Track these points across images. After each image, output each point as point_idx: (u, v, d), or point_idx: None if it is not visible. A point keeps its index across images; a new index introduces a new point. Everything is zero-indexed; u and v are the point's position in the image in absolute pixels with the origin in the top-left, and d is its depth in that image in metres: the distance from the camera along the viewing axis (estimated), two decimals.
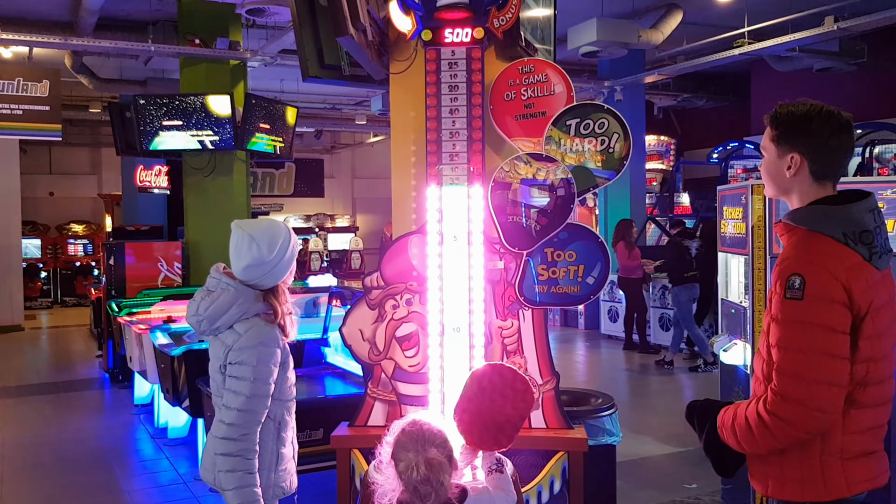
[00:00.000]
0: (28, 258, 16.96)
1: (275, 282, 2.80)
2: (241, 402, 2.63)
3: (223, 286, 2.77)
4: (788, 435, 2.08)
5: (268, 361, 2.68)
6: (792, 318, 2.07)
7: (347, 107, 17.36)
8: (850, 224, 2.12)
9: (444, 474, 2.38)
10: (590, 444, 3.61)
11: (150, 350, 6.46)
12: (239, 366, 2.66)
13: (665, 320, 11.08)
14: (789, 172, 2.21)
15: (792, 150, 2.20)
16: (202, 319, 2.75)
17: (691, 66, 11.61)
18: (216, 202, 10.38)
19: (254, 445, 2.67)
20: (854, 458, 2.13)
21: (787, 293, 2.07)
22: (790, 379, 2.05)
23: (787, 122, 2.22)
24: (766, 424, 2.08)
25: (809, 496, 2.15)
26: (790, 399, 2.05)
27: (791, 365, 2.05)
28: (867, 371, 2.11)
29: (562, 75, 3.61)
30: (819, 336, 2.03)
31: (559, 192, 3.54)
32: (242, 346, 2.67)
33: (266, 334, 2.71)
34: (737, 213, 4.54)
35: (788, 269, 2.10)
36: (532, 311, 3.63)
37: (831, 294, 2.04)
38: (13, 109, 10.17)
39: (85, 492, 5.47)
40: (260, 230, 2.79)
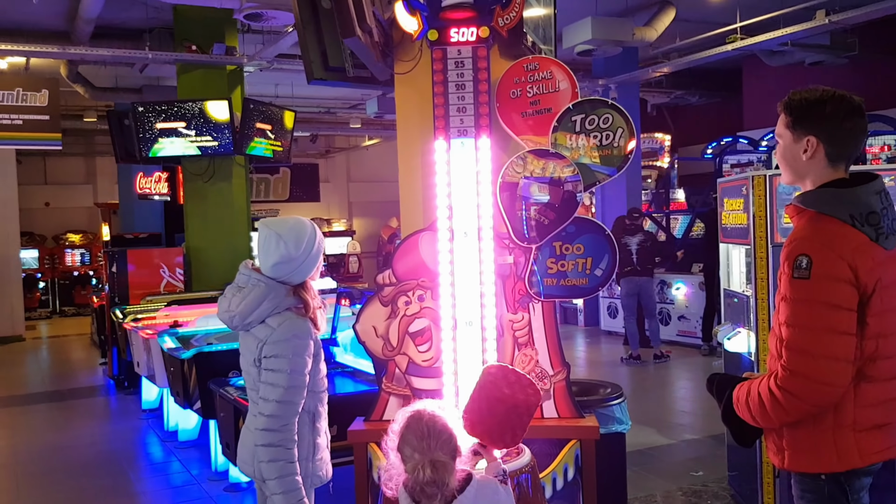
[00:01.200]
0: (26, 269, 16.98)
1: (303, 277, 2.88)
2: (280, 393, 2.71)
3: (253, 282, 2.84)
4: (798, 408, 2.18)
5: (302, 353, 2.76)
6: (799, 296, 2.16)
7: (342, 110, 17.43)
8: (857, 206, 2.20)
9: (448, 474, 2.45)
10: (601, 433, 3.69)
11: (158, 355, 6.51)
12: (275, 359, 2.73)
13: (664, 315, 11.17)
14: (805, 156, 2.29)
15: (807, 133, 2.28)
16: (234, 315, 2.83)
17: (685, 62, 11.71)
18: (216, 207, 10.43)
19: (293, 435, 2.75)
20: (867, 430, 2.22)
21: (794, 273, 2.17)
22: (798, 355, 2.15)
23: (802, 107, 2.30)
24: (777, 399, 2.18)
25: (823, 467, 2.24)
26: (798, 374, 2.15)
27: (799, 341, 2.15)
28: (877, 346, 2.20)
29: (566, 72, 3.69)
30: (825, 313, 2.13)
31: (566, 188, 3.61)
32: (277, 339, 2.74)
33: (299, 327, 2.79)
34: (738, 204, 4.63)
35: (796, 249, 2.19)
36: (542, 304, 3.71)
37: (837, 273, 2.13)
38: (13, 119, 10.20)
39: (99, 495, 5.53)
40: (286, 228, 2.86)
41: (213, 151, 10.00)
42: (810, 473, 2.28)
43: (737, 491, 4.87)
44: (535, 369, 3.69)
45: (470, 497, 2.49)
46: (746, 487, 4.61)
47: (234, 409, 4.69)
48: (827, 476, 2.25)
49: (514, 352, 3.70)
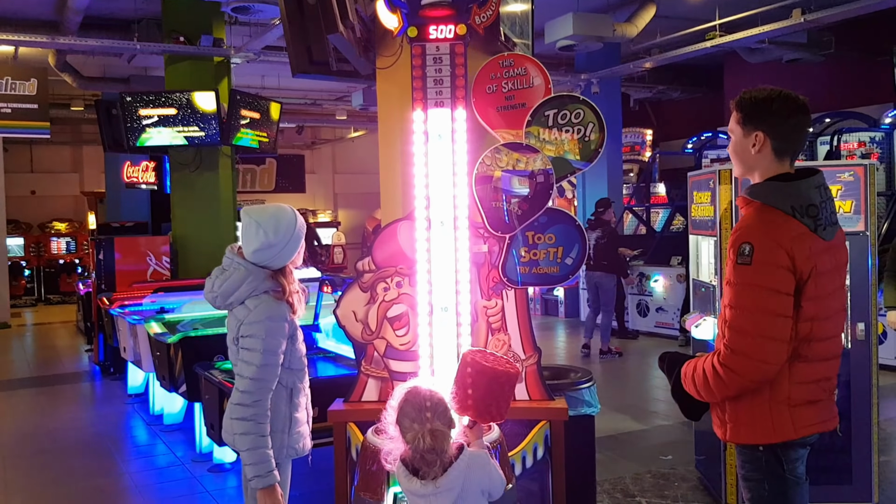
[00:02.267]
0: (11, 257, 16.99)
1: (282, 263, 3.04)
2: (253, 371, 2.87)
3: (235, 265, 3.01)
4: (737, 383, 2.38)
5: (276, 334, 2.92)
6: (742, 280, 2.35)
7: (328, 102, 17.52)
8: (798, 199, 2.39)
9: (446, 442, 2.64)
10: (570, 415, 3.87)
11: (144, 340, 6.65)
12: (251, 339, 2.90)
13: (643, 306, 11.38)
14: (754, 150, 2.48)
15: (756, 129, 2.47)
16: (217, 296, 3.01)
17: (665, 58, 11.89)
18: (202, 197, 10.55)
19: (265, 411, 2.90)
20: (800, 405, 2.42)
21: (738, 259, 2.36)
22: (738, 334, 2.35)
23: (751, 104, 2.49)
24: (719, 374, 2.39)
25: (760, 438, 2.44)
26: (738, 352, 2.35)
27: (740, 322, 2.35)
28: (811, 329, 2.39)
29: (540, 68, 3.85)
30: (764, 297, 2.32)
31: (538, 180, 3.77)
32: (253, 320, 2.91)
33: (274, 309, 2.94)
34: (705, 197, 4.81)
35: (741, 237, 2.38)
36: (515, 291, 3.87)
37: (776, 260, 2.32)
38: (2, 108, 10.29)
39: (86, 475, 5.67)
40: (266, 216, 3.02)
41: (199, 142, 10.11)
42: (749, 445, 2.47)
43: (703, 474, 5.07)
44: (508, 353, 3.85)
45: (463, 465, 2.66)
46: (712, 471, 4.80)
47: (219, 392, 4.84)
48: (764, 447, 2.44)
49: (488, 336, 3.86)
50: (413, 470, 2.65)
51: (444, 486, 2.61)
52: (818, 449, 4.36)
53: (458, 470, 2.65)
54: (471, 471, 2.68)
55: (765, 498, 2.48)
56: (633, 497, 4.89)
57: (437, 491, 2.60)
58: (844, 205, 4.38)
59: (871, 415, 4.42)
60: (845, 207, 4.38)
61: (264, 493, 2.86)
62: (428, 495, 2.61)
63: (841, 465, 4.42)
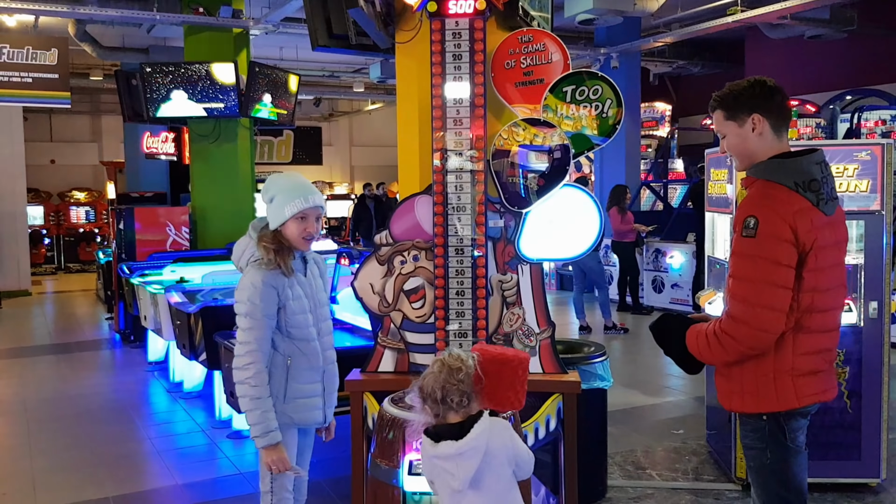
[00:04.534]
0: (31, 225, 17.19)
1: (271, 226, 3.12)
2: (243, 336, 3.02)
3: (248, 233, 3.19)
4: (735, 349, 2.50)
5: (255, 300, 3.00)
6: (746, 252, 2.46)
7: (346, 74, 17.51)
8: (800, 175, 2.49)
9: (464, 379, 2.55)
10: (583, 388, 3.93)
11: (165, 309, 6.76)
12: (238, 304, 3.05)
13: (658, 283, 11.41)
14: (755, 132, 2.57)
15: (750, 113, 2.58)
16: (234, 256, 3.21)
17: (686, 33, 11.80)
18: (221, 168, 10.63)
19: (260, 373, 3.00)
20: (803, 375, 2.52)
21: (743, 232, 2.46)
22: (739, 303, 2.46)
23: (734, 97, 2.64)
24: (719, 340, 2.51)
25: (764, 407, 2.54)
26: (738, 320, 2.46)
27: (742, 291, 2.46)
28: (812, 300, 2.48)
29: (558, 44, 3.86)
30: (767, 268, 2.42)
31: (556, 155, 3.81)
32: (240, 287, 3.07)
33: (258, 276, 3.02)
34: (722, 174, 4.83)
35: (746, 211, 2.49)
36: (530, 265, 3.92)
37: (780, 233, 2.41)
38: (23, 77, 10.37)
39: (107, 440, 5.80)
40: (268, 180, 3.23)
41: (218, 113, 10.18)
42: (753, 413, 2.58)
43: (714, 448, 5.13)
44: (523, 327, 3.91)
45: (486, 424, 2.59)
46: (723, 445, 4.86)
47: None
48: (768, 416, 2.55)
49: (503, 310, 3.92)
50: (435, 435, 2.61)
51: (469, 444, 2.54)
52: (828, 425, 4.46)
53: (480, 427, 2.57)
54: (494, 433, 2.60)
55: (766, 466, 2.58)
56: (644, 470, 4.96)
57: (461, 450, 2.54)
58: (861, 183, 4.39)
59: (882, 392, 4.46)
60: (861, 186, 4.39)
61: (266, 452, 2.99)
62: (454, 456, 2.55)
63: (850, 441, 4.47)
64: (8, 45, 10.44)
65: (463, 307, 3.83)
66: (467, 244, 3.79)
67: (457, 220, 3.80)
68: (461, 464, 2.55)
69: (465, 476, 2.55)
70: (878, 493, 4.49)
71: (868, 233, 4.44)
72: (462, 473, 2.55)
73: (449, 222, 3.79)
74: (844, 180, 4.40)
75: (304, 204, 3.07)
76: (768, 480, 2.59)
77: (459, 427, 2.58)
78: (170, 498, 4.77)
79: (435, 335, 3.86)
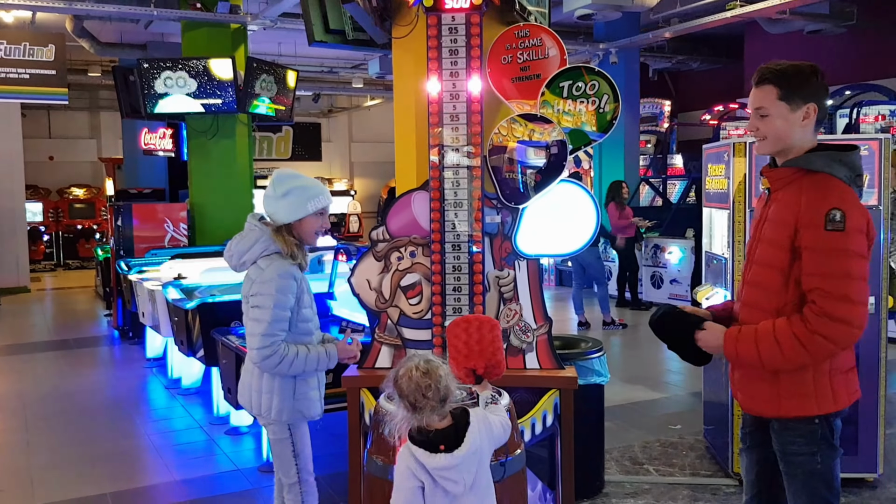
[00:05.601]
0: (30, 222, 17.18)
1: (283, 219, 3.18)
2: (264, 327, 3.05)
3: (250, 227, 3.21)
4: (827, 351, 2.37)
5: (286, 291, 3.09)
6: (834, 247, 2.33)
7: (344, 70, 17.48)
8: (853, 168, 2.44)
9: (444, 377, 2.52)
10: (580, 384, 3.93)
11: (163, 305, 6.75)
12: (260, 296, 3.07)
13: (657, 278, 11.41)
14: (804, 122, 2.46)
15: (806, 101, 2.45)
16: (232, 255, 3.21)
17: (685, 28, 11.78)
18: (219, 164, 10.63)
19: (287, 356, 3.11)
20: (846, 371, 2.47)
21: (828, 225, 2.32)
22: (838, 301, 2.31)
23: (798, 79, 2.46)
24: (803, 343, 2.35)
25: (821, 408, 2.44)
26: (837, 319, 2.32)
27: (837, 288, 2.32)
28: None
29: (555, 39, 3.85)
30: (857, 263, 2.34)
31: (553, 151, 3.80)
32: (264, 279, 3.08)
33: (284, 267, 3.11)
34: (720, 169, 4.82)
35: (827, 204, 2.34)
36: (527, 261, 3.92)
37: (861, 226, 2.35)
38: (20, 73, 10.36)
39: (106, 436, 5.81)
40: (278, 174, 3.25)
41: (216, 109, 10.16)
42: (805, 417, 2.44)
43: (711, 443, 5.13)
44: (520, 323, 3.91)
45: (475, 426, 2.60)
46: (720, 441, 4.86)
47: (236, 357, 4.93)
48: (820, 418, 2.43)
49: (500, 306, 3.92)
50: (430, 444, 2.55)
51: (467, 450, 2.56)
52: None
53: (473, 432, 2.60)
54: (481, 430, 2.64)
55: (817, 471, 2.46)
56: (641, 465, 4.96)
57: (461, 458, 2.54)
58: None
59: (879, 388, 4.46)
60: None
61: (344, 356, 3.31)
62: (456, 465, 2.54)
63: (847, 436, 4.44)
64: (5, 41, 10.41)
65: (460, 303, 3.82)
66: (464, 240, 3.79)
67: (454, 215, 3.79)
68: (462, 470, 2.55)
69: (468, 480, 2.56)
70: (876, 487, 4.49)
71: None
72: (464, 478, 2.55)
73: (446, 218, 3.79)
74: None
75: (327, 200, 3.25)
76: (817, 486, 2.47)
77: (454, 431, 2.56)
78: (167, 494, 4.77)
79: (432, 331, 3.86)
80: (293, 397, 3.23)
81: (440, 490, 2.56)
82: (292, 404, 3.23)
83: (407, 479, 2.58)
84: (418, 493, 2.57)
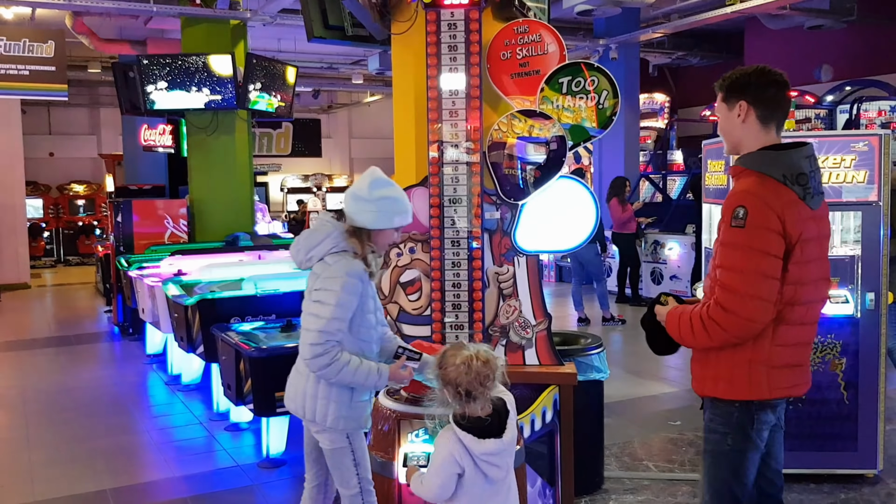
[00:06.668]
0: (31, 218, 17.17)
1: (365, 222, 3.02)
2: (321, 324, 2.87)
3: (322, 223, 3.08)
4: (720, 338, 2.52)
5: (351, 291, 2.92)
6: (735, 242, 2.48)
7: (344, 66, 17.45)
8: (789, 167, 2.51)
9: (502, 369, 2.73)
10: (579, 380, 3.93)
11: (163, 301, 6.76)
12: (324, 291, 2.91)
13: (657, 274, 11.41)
14: (740, 119, 2.61)
15: (739, 99, 2.61)
16: (299, 249, 3.07)
17: (685, 24, 11.76)
18: (219, 160, 10.59)
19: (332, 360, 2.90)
20: (779, 367, 2.55)
21: (732, 222, 2.48)
22: (729, 293, 2.47)
23: (732, 80, 2.65)
24: (705, 327, 2.53)
25: (736, 395, 2.58)
26: (728, 309, 2.47)
27: (731, 281, 2.48)
28: (795, 292, 2.51)
29: (555, 35, 3.85)
30: (756, 258, 2.44)
31: (552, 147, 3.80)
32: (331, 275, 2.93)
33: (353, 266, 2.95)
34: (720, 165, 4.82)
35: (735, 201, 2.51)
36: (527, 258, 3.92)
37: (769, 224, 2.44)
38: (20, 70, 10.35)
39: (106, 432, 5.81)
40: (375, 176, 3.08)
41: (216, 105, 10.14)
42: (724, 399, 2.61)
43: None
44: (519, 319, 3.92)
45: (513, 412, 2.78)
46: None
47: (236, 353, 4.93)
48: (740, 404, 2.58)
49: (500, 302, 3.92)
50: (479, 431, 2.63)
51: (511, 436, 2.71)
52: (825, 416, 4.47)
53: (513, 418, 2.75)
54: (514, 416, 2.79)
55: (724, 452, 2.62)
56: (640, 461, 4.97)
57: (507, 443, 2.68)
58: (858, 174, 4.38)
59: (879, 384, 4.46)
60: (859, 177, 4.38)
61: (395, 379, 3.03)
62: (501, 451, 2.66)
63: (847, 432, 4.48)
64: (5, 37, 10.40)
65: (459, 299, 3.82)
66: (463, 236, 3.79)
67: (453, 211, 3.79)
68: (504, 455, 2.68)
69: (509, 464, 2.72)
70: (875, 483, 4.50)
71: (865, 224, 4.44)
72: (507, 463, 2.70)
73: (445, 214, 3.79)
74: (842, 171, 4.40)
75: (410, 219, 3.15)
76: (721, 467, 2.64)
77: (497, 418, 2.69)
78: (167, 490, 4.77)
79: (431, 327, 3.86)
80: (350, 405, 3.03)
81: (480, 476, 2.65)
82: (350, 412, 3.02)
83: (449, 465, 2.66)
84: (455, 479, 2.66)
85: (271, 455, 5.05)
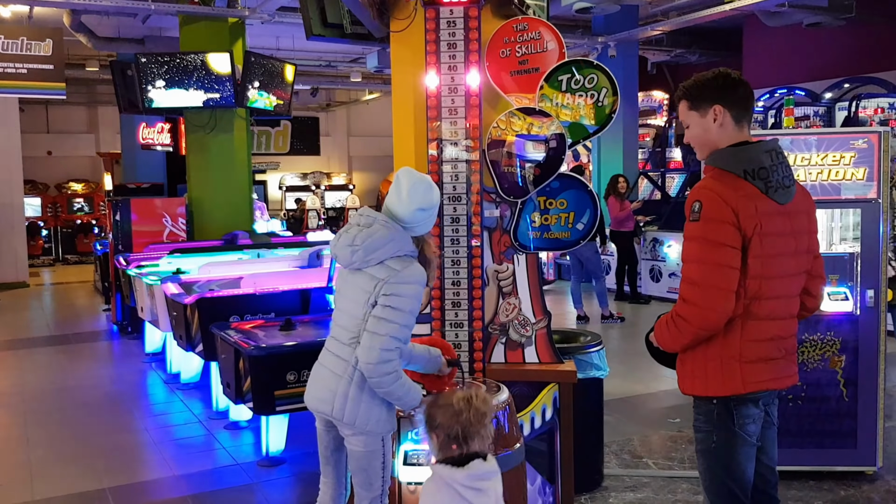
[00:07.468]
0: (29, 217, 17.15)
1: (426, 230, 3.02)
2: (395, 329, 2.81)
3: (381, 222, 2.93)
4: (688, 331, 2.56)
5: (419, 298, 2.90)
6: (691, 235, 2.54)
7: (343, 64, 17.43)
8: (749, 162, 2.55)
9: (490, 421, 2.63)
10: (579, 377, 3.94)
11: (161, 300, 6.75)
12: (396, 297, 2.83)
13: (656, 272, 11.41)
14: (716, 124, 2.63)
15: (712, 104, 2.62)
16: (358, 249, 2.90)
17: (684, 21, 11.75)
18: (218, 159, 10.60)
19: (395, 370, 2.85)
20: (751, 362, 2.57)
21: (690, 216, 2.53)
22: (688, 284, 2.54)
23: (698, 88, 2.67)
24: (675, 323, 2.60)
25: (711, 391, 2.61)
26: (688, 301, 2.54)
27: (689, 273, 2.54)
28: (759, 286, 2.53)
29: (554, 33, 3.85)
30: (711, 249, 2.49)
31: (552, 144, 3.80)
32: (402, 280, 2.85)
33: (423, 274, 2.92)
34: None
35: (692, 197, 2.56)
36: (526, 255, 3.92)
37: (721, 216, 2.47)
38: (18, 68, 10.34)
39: (105, 431, 5.81)
40: (429, 184, 2.99)
41: (214, 104, 10.14)
42: (704, 397, 2.64)
43: None
44: (519, 317, 3.91)
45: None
46: None
47: (235, 351, 4.93)
48: (717, 400, 2.60)
49: (499, 300, 3.92)
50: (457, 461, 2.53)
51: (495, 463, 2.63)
52: (824, 413, 4.47)
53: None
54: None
55: (712, 450, 2.63)
56: (640, 458, 4.97)
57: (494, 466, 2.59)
58: (857, 172, 4.38)
59: (878, 381, 4.46)
60: (858, 175, 4.38)
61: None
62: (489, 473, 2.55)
63: (846, 429, 4.48)
64: (2, 35, 10.39)
65: (459, 297, 3.82)
66: (463, 234, 3.79)
67: (452, 209, 3.79)
68: (495, 482, 2.57)
69: (499, 492, 2.59)
70: (875, 480, 4.50)
71: (864, 221, 4.44)
72: (495, 490, 2.56)
73: (444, 212, 3.78)
74: (841, 168, 4.40)
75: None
76: (713, 465, 2.64)
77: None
78: (167, 488, 4.77)
79: (431, 325, 3.85)
80: (390, 408, 3.00)
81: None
82: (389, 415, 2.99)
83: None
84: None
85: (271, 453, 5.04)
